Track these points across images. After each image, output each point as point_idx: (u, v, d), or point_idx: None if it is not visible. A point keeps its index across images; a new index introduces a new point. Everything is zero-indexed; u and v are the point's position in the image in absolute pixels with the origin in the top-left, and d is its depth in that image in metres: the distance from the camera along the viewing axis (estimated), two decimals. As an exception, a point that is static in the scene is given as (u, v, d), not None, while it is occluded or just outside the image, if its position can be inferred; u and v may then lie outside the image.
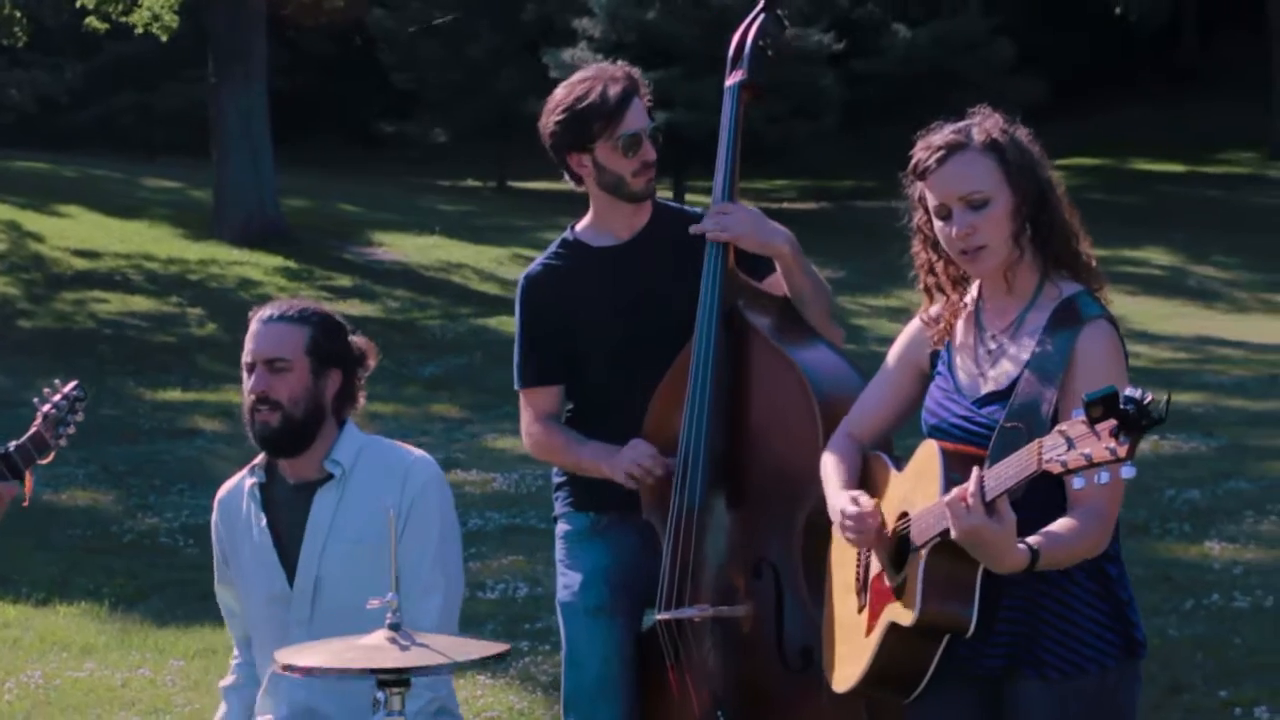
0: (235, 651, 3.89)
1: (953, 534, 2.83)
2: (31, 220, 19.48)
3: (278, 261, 18.47)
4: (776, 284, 3.77)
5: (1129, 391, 2.58)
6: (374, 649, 2.98)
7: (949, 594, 2.92)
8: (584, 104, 3.74)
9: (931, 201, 3.08)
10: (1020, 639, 3.00)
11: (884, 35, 24.91)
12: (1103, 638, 3.01)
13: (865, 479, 3.21)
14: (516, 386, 3.92)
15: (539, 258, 3.94)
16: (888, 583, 3.04)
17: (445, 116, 24.55)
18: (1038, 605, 2.99)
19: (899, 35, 24.93)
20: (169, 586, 8.06)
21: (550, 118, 3.80)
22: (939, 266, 3.15)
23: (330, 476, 3.64)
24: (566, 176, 3.87)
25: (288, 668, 2.96)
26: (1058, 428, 2.68)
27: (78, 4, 19.60)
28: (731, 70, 3.81)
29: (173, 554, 8.77)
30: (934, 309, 3.19)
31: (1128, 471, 2.59)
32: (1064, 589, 3.00)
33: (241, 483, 3.79)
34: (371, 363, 3.75)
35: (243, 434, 11.98)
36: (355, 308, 17.05)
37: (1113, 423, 2.58)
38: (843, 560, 3.22)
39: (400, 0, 24.99)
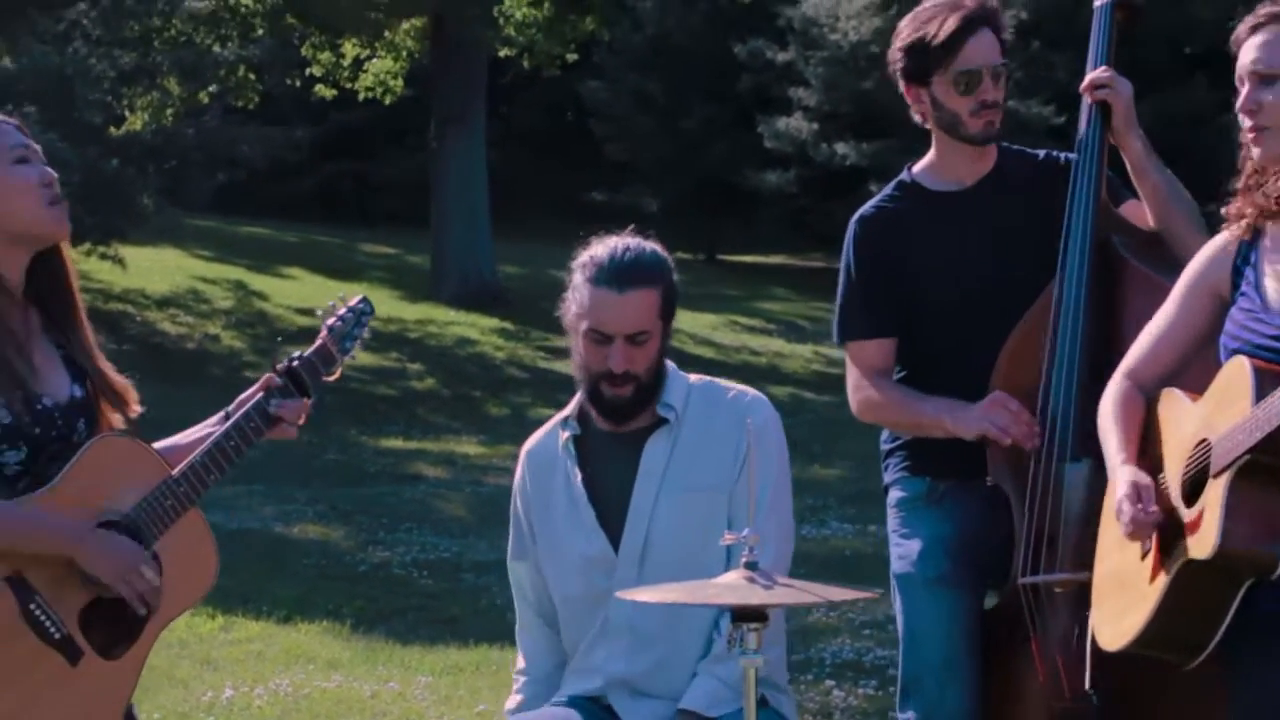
0: (520, 662, 3.47)
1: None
2: (256, 280, 19.85)
3: (494, 323, 18.52)
4: (1134, 213, 3.43)
5: None
6: (731, 587, 2.69)
7: (1254, 524, 2.56)
8: (922, 35, 3.45)
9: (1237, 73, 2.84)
10: None
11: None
12: None
13: (1149, 426, 2.87)
14: (838, 340, 3.60)
15: (872, 200, 3.63)
16: (1183, 518, 2.66)
17: (656, 187, 24.49)
18: None
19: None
20: (409, 611, 7.90)
21: (894, 47, 3.53)
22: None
23: (662, 422, 3.32)
24: (912, 111, 3.57)
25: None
26: None
27: (308, 71, 20.05)
28: None
29: (408, 583, 8.62)
30: (1235, 204, 2.85)
31: None
32: None
33: (553, 434, 3.45)
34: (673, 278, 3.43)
35: (465, 480, 11.85)
36: (570, 368, 16.95)
37: None
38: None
39: (615, 72, 25.11)
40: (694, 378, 3.41)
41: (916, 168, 3.62)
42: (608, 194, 25.64)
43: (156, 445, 3.12)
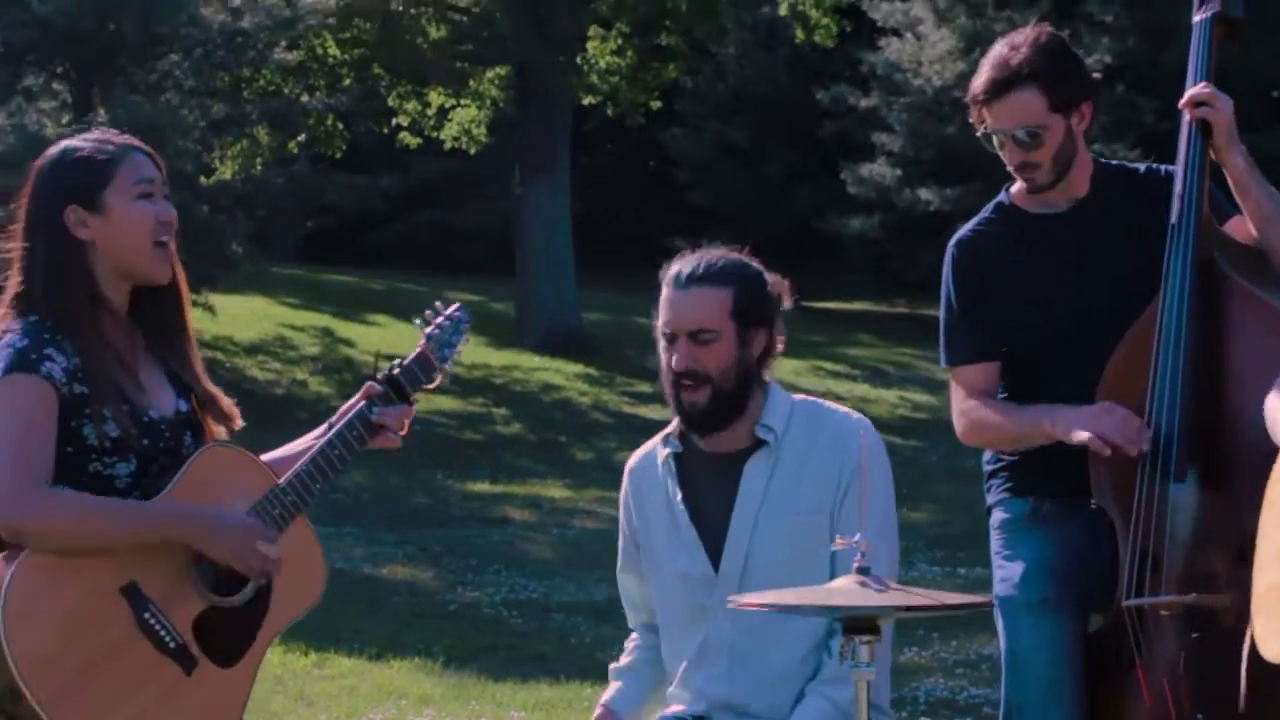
0: (633, 634, 3.53)
1: None
2: (342, 327, 20.04)
3: (578, 368, 18.59)
4: (1238, 229, 3.39)
5: None
6: (843, 591, 2.67)
7: None
8: (970, 87, 3.45)
9: None
10: None
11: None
12: None
13: None
14: (945, 364, 3.59)
15: (970, 223, 3.62)
16: None
17: (739, 234, 24.39)
18: None
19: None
20: (499, 649, 7.92)
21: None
22: None
23: (761, 443, 3.31)
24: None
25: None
26: None
27: (394, 120, 20.28)
28: (1200, 5, 3.46)
29: (498, 622, 8.65)
30: None
31: None
32: None
33: (654, 452, 3.43)
34: (788, 303, 3.44)
35: (551, 523, 11.93)
36: (656, 412, 16.96)
37: None
38: None
39: (697, 120, 25.22)
40: (798, 397, 3.39)
41: (1014, 189, 3.60)
42: (690, 241, 25.62)
43: (263, 457, 3.14)
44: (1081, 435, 3.25)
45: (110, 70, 16.37)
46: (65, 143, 3.07)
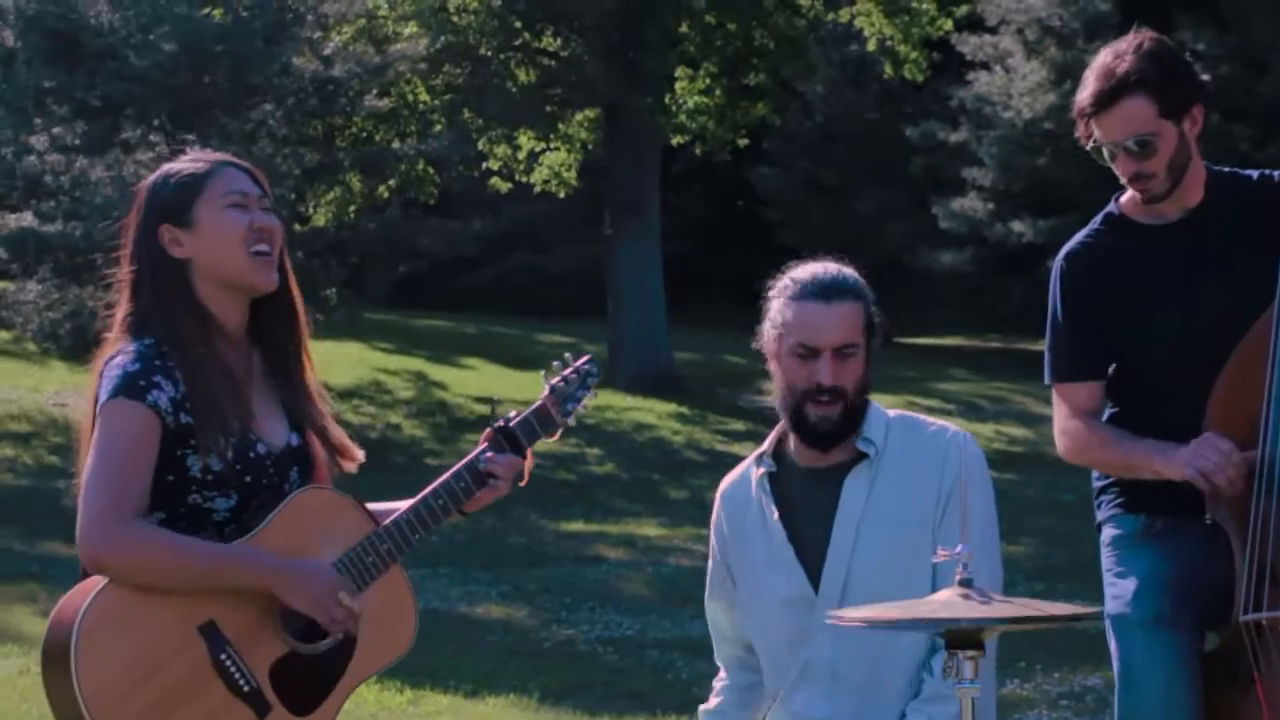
0: (721, 673, 3.46)
1: None
2: (436, 371, 20.16)
3: (671, 407, 18.56)
4: None
5: None
6: (947, 604, 2.60)
7: None
8: (1076, 98, 3.38)
9: None
10: None
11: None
12: None
13: None
14: (1049, 380, 3.50)
15: (1078, 235, 3.53)
16: None
17: (831, 272, 24.50)
18: None
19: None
20: (596, 686, 7.86)
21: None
22: None
23: (861, 457, 3.25)
24: None
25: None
26: None
27: (484, 166, 20.42)
28: None
29: (594, 659, 8.59)
30: None
31: None
32: None
33: (747, 474, 3.39)
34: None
35: (646, 561, 11.83)
36: (749, 449, 16.83)
37: None
38: None
39: (785, 159, 25.17)
40: (893, 412, 3.34)
41: (1124, 199, 3.51)
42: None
43: (371, 506, 3.06)
44: (1184, 476, 3.17)
45: (205, 121, 16.60)
46: (165, 165, 3.05)
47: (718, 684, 3.44)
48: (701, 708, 3.44)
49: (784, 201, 25.26)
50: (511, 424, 3.15)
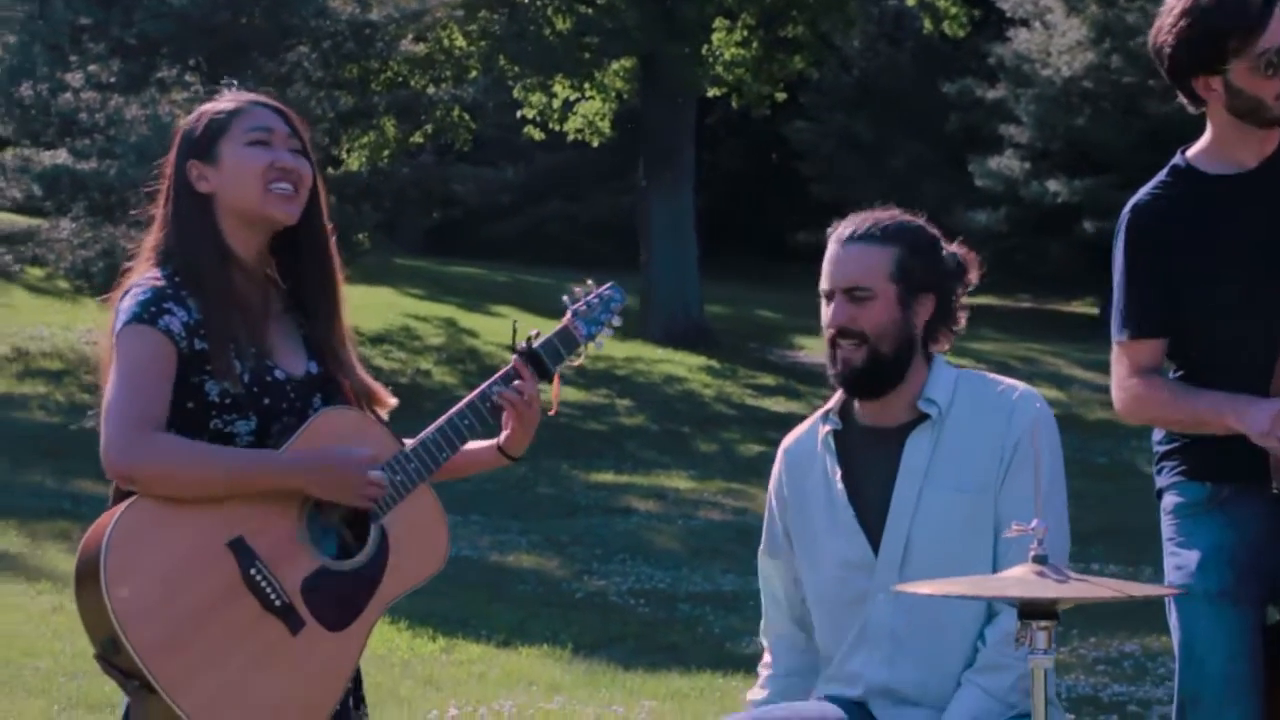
0: (766, 657, 3.36)
1: None
2: (467, 318, 20.13)
3: (701, 360, 18.51)
4: None
5: None
6: (1021, 581, 2.54)
7: None
8: (1216, 15, 3.18)
9: None
10: None
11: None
12: None
13: None
14: (1117, 337, 3.39)
15: (1145, 187, 3.42)
16: None
17: (864, 228, 24.37)
18: None
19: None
20: (628, 638, 7.85)
21: (1167, 34, 3.29)
22: None
23: (924, 417, 3.18)
24: (1181, 96, 3.36)
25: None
26: None
27: (519, 114, 20.32)
28: None
29: (626, 611, 8.57)
30: None
31: None
32: None
33: (813, 430, 3.30)
34: (972, 277, 3.31)
35: (676, 514, 11.82)
36: (780, 404, 16.85)
37: None
38: None
39: (821, 113, 25.02)
40: (959, 370, 3.26)
41: (1191, 152, 3.38)
42: (814, 235, 25.49)
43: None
44: (1262, 438, 3.06)
45: (241, 62, 16.52)
46: (202, 105, 3.09)
47: (764, 671, 3.35)
48: (749, 695, 3.37)
49: (818, 156, 25.13)
50: (534, 347, 3.13)
